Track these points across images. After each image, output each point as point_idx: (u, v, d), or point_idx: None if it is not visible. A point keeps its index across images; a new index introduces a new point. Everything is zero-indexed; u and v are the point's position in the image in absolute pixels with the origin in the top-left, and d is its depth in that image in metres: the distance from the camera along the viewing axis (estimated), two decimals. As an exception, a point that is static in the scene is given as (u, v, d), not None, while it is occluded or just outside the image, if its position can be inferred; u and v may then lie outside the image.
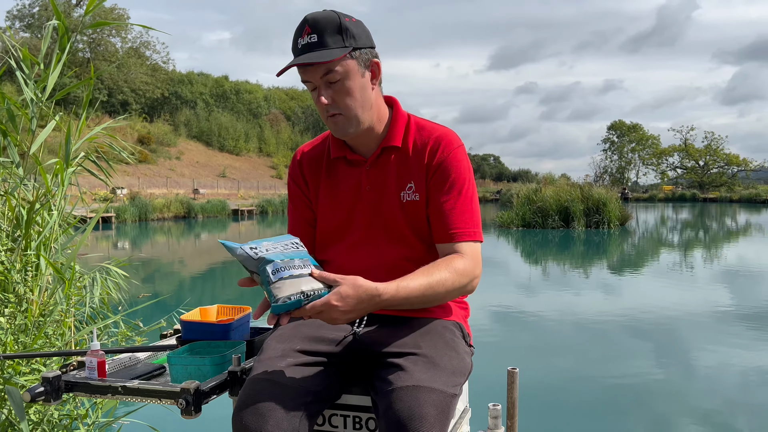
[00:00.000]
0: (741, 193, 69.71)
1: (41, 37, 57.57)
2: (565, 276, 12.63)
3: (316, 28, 1.50)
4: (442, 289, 1.47)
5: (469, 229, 1.58)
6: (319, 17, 1.51)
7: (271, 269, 1.34)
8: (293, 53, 1.54)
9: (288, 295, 1.32)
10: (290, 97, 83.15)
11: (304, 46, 1.51)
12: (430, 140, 1.64)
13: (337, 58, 1.49)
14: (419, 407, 1.29)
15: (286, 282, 1.33)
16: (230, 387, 1.51)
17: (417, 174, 1.63)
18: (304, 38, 1.51)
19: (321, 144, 1.77)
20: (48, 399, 1.52)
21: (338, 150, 1.69)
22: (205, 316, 1.89)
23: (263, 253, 1.36)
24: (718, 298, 9.67)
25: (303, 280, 1.35)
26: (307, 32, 1.51)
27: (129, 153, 3.65)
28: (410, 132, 1.67)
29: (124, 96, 58.34)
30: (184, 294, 9.83)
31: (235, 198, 48.62)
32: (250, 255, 1.36)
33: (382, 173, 1.65)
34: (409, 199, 1.63)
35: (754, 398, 4.95)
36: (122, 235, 25.25)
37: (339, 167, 1.70)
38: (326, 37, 1.50)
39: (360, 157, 1.67)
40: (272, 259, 1.35)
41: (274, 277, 1.33)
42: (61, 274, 2.83)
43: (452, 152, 1.61)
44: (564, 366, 5.91)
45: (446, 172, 1.60)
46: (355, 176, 1.67)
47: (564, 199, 24.35)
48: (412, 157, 1.64)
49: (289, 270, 1.35)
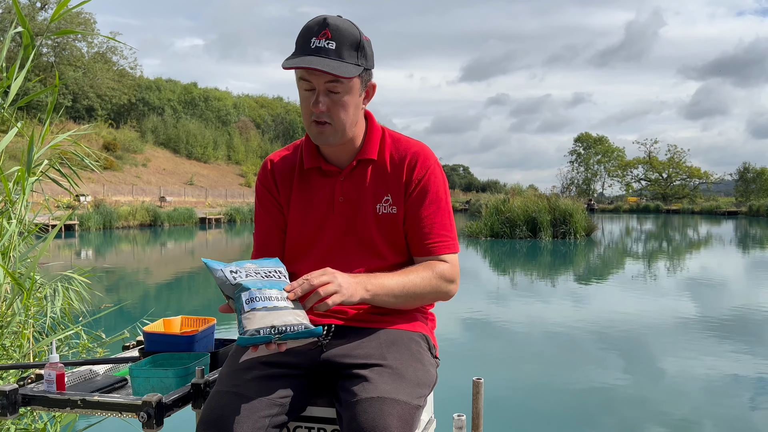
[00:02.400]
0: (702, 205, 71.52)
1: (3, 40, 56.58)
2: (533, 285, 12.77)
3: (336, 35, 1.50)
4: (423, 286, 1.57)
5: (448, 240, 1.65)
6: (342, 26, 1.51)
7: (246, 297, 1.29)
8: (301, 49, 1.51)
9: (257, 328, 1.26)
10: (260, 105, 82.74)
11: (320, 49, 1.49)
12: (407, 155, 1.66)
13: (353, 76, 1.50)
14: (383, 418, 1.29)
15: (258, 314, 1.28)
16: (193, 399, 1.49)
17: (395, 188, 1.65)
18: (321, 41, 1.49)
19: (292, 154, 1.75)
20: (4, 413, 1.48)
21: (312, 160, 1.68)
22: (169, 328, 1.86)
23: (241, 278, 1.31)
24: (681, 306, 9.89)
25: (277, 313, 1.29)
26: (326, 36, 1.49)
27: (94, 160, 3.59)
28: (385, 145, 1.69)
29: (90, 102, 57.36)
30: (148, 304, 9.66)
31: (203, 206, 48.08)
32: (228, 279, 1.31)
33: (357, 185, 1.66)
34: (386, 211, 1.65)
35: (718, 404, 5.07)
36: (85, 244, 24.73)
37: (312, 177, 1.69)
38: (344, 49, 1.50)
39: (334, 168, 1.67)
40: (248, 287, 1.30)
41: (247, 307, 1.28)
42: (20, 284, 2.76)
43: (430, 168, 1.66)
44: (530, 375, 5.97)
45: (426, 188, 1.65)
46: (328, 187, 1.67)
47: (531, 209, 24.68)
48: (389, 171, 1.66)
49: (263, 301, 1.29)
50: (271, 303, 1.30)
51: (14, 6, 2.79)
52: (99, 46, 58.79)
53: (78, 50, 56.80)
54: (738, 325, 8.40)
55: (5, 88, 2.78)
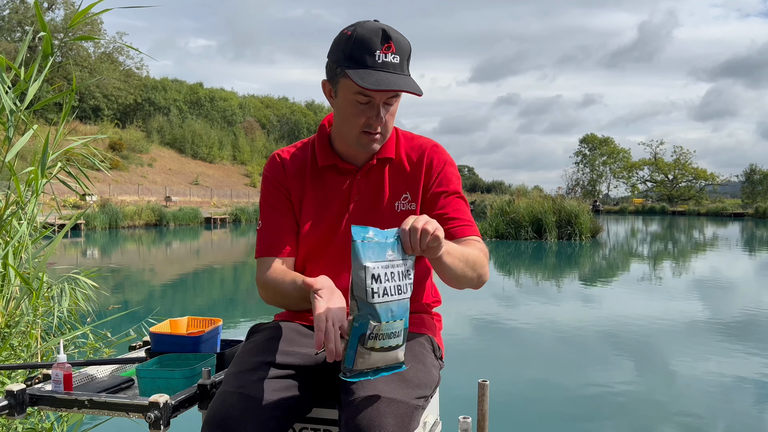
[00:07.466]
0: (708, 207, 71.19)
1: (10, 40, 55.76)
2: (538, 287, 12.75)
3: (399, 49, 1.51)
4: (475, 257, 1.52)
5: (474, 225, 1.69)
6: (400, 39, 1.51)
7: (369, 331, 1.19)
8: (367, 64, 1.47)
9: (365, 369, 1.23)
10: (265, 105, 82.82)
11: (387, 64, 1.48)
12: (424, 152, 1.70)
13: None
14: (378, 417, 1.28)
15: (374, 355, 1.22)
16: (200, 400, 1.50)
17: (413, 185, 1.68)
18: (387, 55, 1.48)
19: (301, 152, 1.73)
20: (12, 413, 1.49)
21: (327, 158, 1.68)
22: (175, 328, 1.87)
23: (378, 299, 1.18)
24: (688, 308, 9.85)
25: (390, 353, 1.25)
26: (391, 51, 1.49)
27: (100, 160, 3.60)
28: (400, 144, 1.71)
29: (96, 101, 57.54)
30: (153, 304, 9.69)
31: (208, 206, 48.14)
32: (367, 292, 1.18)
33: (374, 183, 1.67)
34: (404, 208, 1.67)
35: (726, 406, 5.05)
36: (91, 243, 24.80)
37: (326, 175, 1.69)
38: (405, 62, 1.52)
39: (351, 166, 1.67)
40: (379, 317, 1.19)
41: (368, 343, 1.20)
42: (30, 284, 2.78)
43: (446, 160, 1.71)
44: (536, 377, 5.95)
45: (447, 177, 1.69)
46: (344, 185, 1.67)
47: (537, 210, 24.60)
48: (408, 169, 1.69)
49: (385, 339, 1.21)
50: (392, 341, 1.24)
51: (36, 12, 2.81)
52: (105, 47, 59.02)
53: (85, 50, 57.04)
54: (746, 327, 8.37)
55: (23, 91, 2.80)
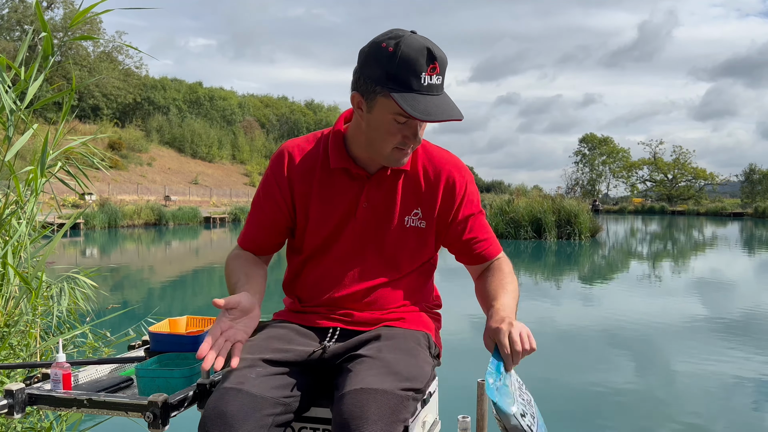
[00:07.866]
0: (707, 207, 71.26)
1: (9, 39, 55.49)
2: (538, 286, 12.75)
3: (442, 69, 1.46)
4: (515, 285, 1.70)
5: (497, 240, 1.77)
6: (443, 57, 1.47)
7: None
8: (411, 85, 1.43)
9: None
10: (265, 105, 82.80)
11: (431, 87, 1.44)
12: (442, 172, 1.66)
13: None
14: (361, 407, 1.28)
15: None
16: (199, 400, 1.50)
17: (427, 202, 1.64)
18: (432, 77, 1.44)
19: (313, 147, 1.66)
20: (11, 412, 1.49)
21: (340, 161, 1.61)
22: (174, 328, 1.87)
23: (535, 428, 1.40)
24: (688, 308, 9.87)
25: None
26: (436, 72, 1.45)
27: (99, 159, 3.60)
28: (418, 156, 1.65)
29: (95, 101, 57.49)
30: (153, 303, 9.69)
31: (208, 205, 48.14)
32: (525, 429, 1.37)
33: (385, 193, 1.63)
34: (414, 224, 1.64)
35: (727, 405, 5.06)
36: (91, 242, 24.80)
37: (336, 177, 1.63)
38: (443, 81, 1.48)
39: (363, 171, 1.62)
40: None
41: None
42: (29, 284, 2.78)
43: (468, 181, 1.70)
44: (536, 376, 5.95)
45: (471, 199, 1.70)
46: (353, 190, 1.63)
47: (536, 210, 24.61)
48: (423, 185, 1.64)
49: None
50: None
51: (37, 12, 2.81)
52: (105, 46, 59.00)
53: (84, 49, 56.98)
54: (746, 327, 8.38)
55: (23, 90, 2.80)
